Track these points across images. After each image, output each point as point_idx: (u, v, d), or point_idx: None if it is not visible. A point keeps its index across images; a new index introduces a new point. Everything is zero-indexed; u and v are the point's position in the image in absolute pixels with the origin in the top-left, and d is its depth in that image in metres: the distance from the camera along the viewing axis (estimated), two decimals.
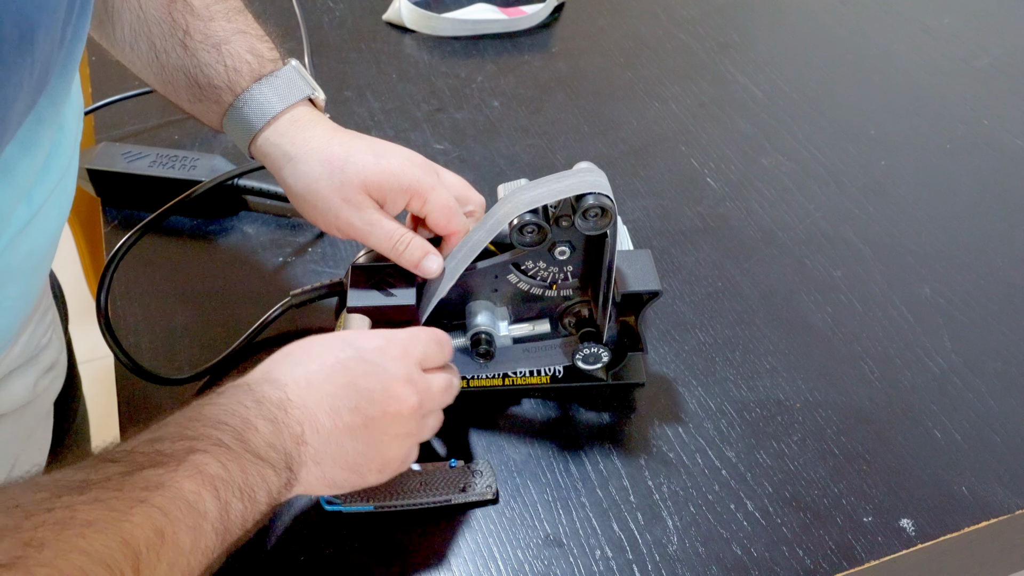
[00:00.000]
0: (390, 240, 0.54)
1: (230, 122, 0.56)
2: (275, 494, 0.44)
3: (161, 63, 0.55)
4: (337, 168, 0.53)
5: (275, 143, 0.55)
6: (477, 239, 0.54)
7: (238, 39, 0.55)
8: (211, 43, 0.55)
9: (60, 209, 0.49)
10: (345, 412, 0.46)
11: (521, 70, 0.95)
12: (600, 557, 0.52)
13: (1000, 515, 0.55)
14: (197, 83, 0.55)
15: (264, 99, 0.55)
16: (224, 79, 0.55)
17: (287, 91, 0.55)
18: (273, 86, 0.55)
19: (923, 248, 0.74)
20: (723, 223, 0.76)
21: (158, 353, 0.63)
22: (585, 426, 0.60)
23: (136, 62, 0.57)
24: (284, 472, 0.44)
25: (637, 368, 0.62)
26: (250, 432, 0.43)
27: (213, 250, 0.72)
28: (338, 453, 0.46)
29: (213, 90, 0.55)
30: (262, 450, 0.43)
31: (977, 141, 0.86)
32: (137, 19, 0.54)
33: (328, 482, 0.47)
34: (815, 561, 0.52)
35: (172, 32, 0.54)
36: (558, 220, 0.53)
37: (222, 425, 0.42)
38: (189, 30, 0.54)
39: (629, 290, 0.56)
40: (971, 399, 0.62)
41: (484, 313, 0.57)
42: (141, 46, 0.55)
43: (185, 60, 0.55)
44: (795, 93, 0.92)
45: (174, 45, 0.54)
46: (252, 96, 0.55)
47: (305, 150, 0.54)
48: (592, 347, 0.57)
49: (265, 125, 0.55)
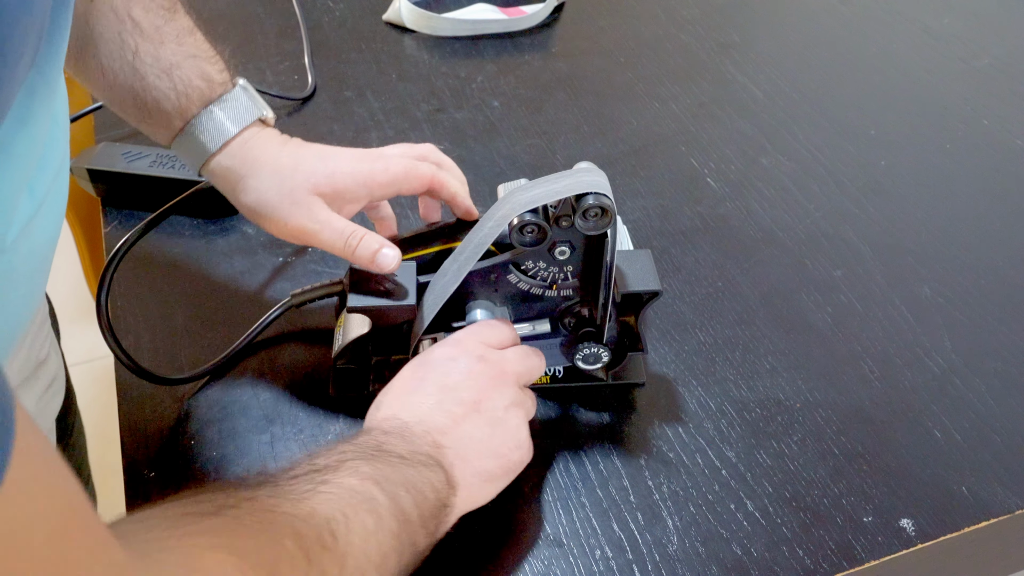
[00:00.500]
0: (341, 237, 0.54)
1: (180, 145, 0.56)
2: (440, 489, 0.46)
3: (108, 81, 0.54)
4: (287, 176, 0.55)
5: (227, 165, 0.56)
6: (479, 240, 0.54)
7: (189, 63, 0.55)
8: (161, 67, 0.54)
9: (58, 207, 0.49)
10: (453, 407, 0.49)
11: (521, 70, 0.95)
12: (600, 557, 0.52)
13: (1000, 515, 0.55)
14: (146, 106, 0.55)
15: (215, 124, 0.55)
16: (174, 104, 0.55)
17: (237, 115, 0.56)
18: (224, 111, 0.55)
19: (923, 248, 0.74)
20: (723, 223, 0.76)
21: (158, 353, 0.63)
22: (585, 426, 0.60)
23: (83, 76, 0.56)
24: (437, 469, 0.46)
25: (637, 368, 0.62)
26: (388, 446, 0.45)
27: (213, 250, 0.72)
28: (472, 444, 0.49)
29: (162, 115, 0.55)
30: (406, 454, 0.45)
31: (977, 141, 0.86)
32: (84, 35, 0.53)
33: (482, 474, 0.49)
34: (815, 561, 0.52)
35: (121, 52, 0.54)
36: (558, 220, 0.53)
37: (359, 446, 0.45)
38: (139, 52, 0.54)
39: (629, 290, 0.56)
40: (971, 399, 0.62)
41: (484, 313, 0.57)
42: (88, 63, 0.54)
43: (134, 82, 0.54)
44: (795, 93, 0.92)
45: (122, 65, 0.54)
46: (202, 122, 0.55)
47: (256, 166, 0.55)
48: (592, 347, 0.57)
49: (218, 150, 0.55)
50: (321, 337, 0.64)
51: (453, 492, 0.47)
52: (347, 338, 0.58)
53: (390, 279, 0.56)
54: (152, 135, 0.57)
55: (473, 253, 0.54)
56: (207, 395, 0.61)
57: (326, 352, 0.62)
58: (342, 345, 0.58)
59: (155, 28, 0.54)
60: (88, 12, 0.52)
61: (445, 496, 0.46)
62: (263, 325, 0.63)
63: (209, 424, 0.59)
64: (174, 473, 0.56)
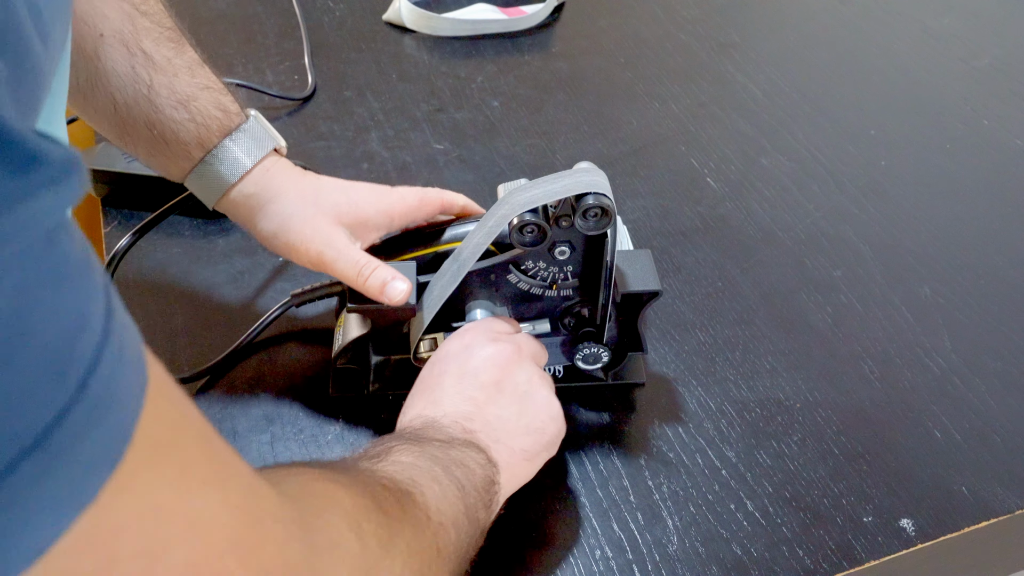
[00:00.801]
0: (355, 267, 0.55)
1: (199, 176, 0.56)
2: (484, 465, 0.47)
3: (121, 116, 0.54)
4: (310, 202, 0.56)
5: (249, 193, 0.56)
6: (478, 241, 0.54)
7: (204, 95, 0.55)
8: (177, 99, 0.54)
9: None
10: (474, 392, 0.50)
11: (521, 70, 0.95)
12: (600, 557, 0.52)
13: (1000, 515, 0.55)
14: (163, 138, 0.55)
15: (236, 154, 0.56)
16: (193, 135, 0.55)
17: (256, 145, 0.56)
18: (243, 141, 0.56)
19: (923, 248, 0.74)
20: (723, 223, 0.76)
21: (158, 353, 0.62)
22: (585, 426, 0.60)
23: (91, 112, 0.55)
24: (475, 449, 0.47)
25: (637, 368, 0.62)
26: (427, 435, 0.47)
27: (213, 250, 0.72)
28: (502, 424, 0.49)
29: (181, 146, 0.55)
30: (445, 439, 0.47)
31: (977, 141, 0.86)
32: (95, 71, 0.53)
33: (520, 453, 0.50)
34: (815, 561, 0.52)
35: (135, 85, 0.54)
36: (558, 220, 0.53)
37: (401, 438, 0.46)
38: (153, 84, 0.54)
39: (629, 290, 0.56)
40: (971, 399, 0.62)
41: (484, 313, 0.57)
42: (99, 97, 0.54)
43: (149, 113, 0.54)
44: (795, 93, 0.92)
45: (136, 98, 0.54)
46: (223, 152, 0.55)
47: (279, 192, 0.56)
48: (592, 347, 0.57)
49: (239, 179, 0.56)
50: (321, 337, 0.64)
51: (496, 471, 0.48)
52: (347, 338, 0.58)
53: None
54: (163, 168, 0.57)
55: (473, 253, 0.54)
56: (207, 395, 0.61)
57: (326, 352, 0.62)
58: (342, 345, 0.58)
59: (167, 60, 0.55)
60: (98, 46, 0.53)
61: (491, 473, 0.47)
62: (263, 325, 0.63)
63: None
64: None
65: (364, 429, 0.59)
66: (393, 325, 0.57)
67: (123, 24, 0.53)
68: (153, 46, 0.54)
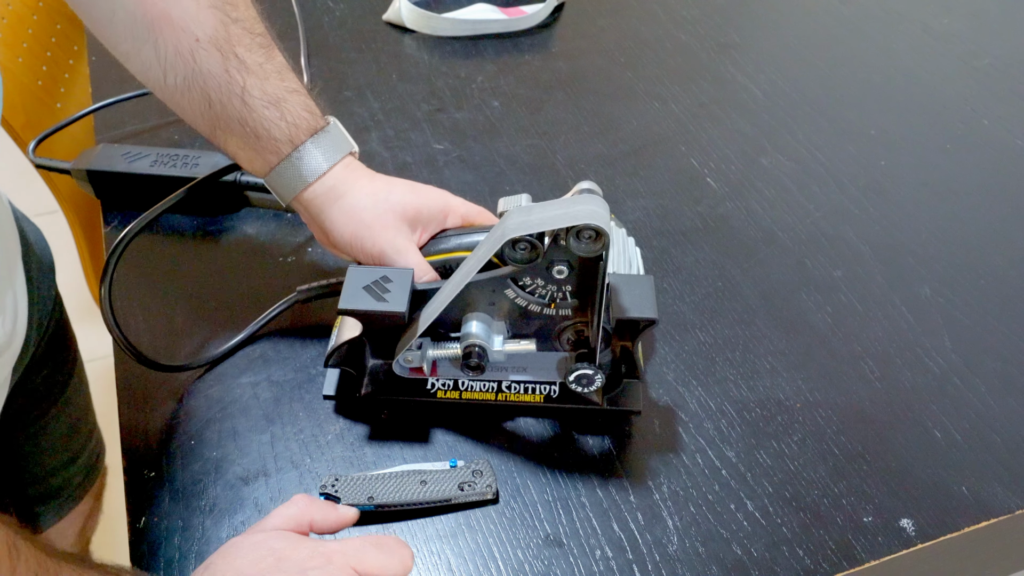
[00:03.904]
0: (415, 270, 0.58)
1: (284, 171, 0.60)
2: None
3: (216, 113, 0.58)
4: (381, 199, 0.60)
5: (330, 185, 0.60)
6: (471, 266, 0.54)
7: (293, 98, 0.59)
8: (269, 100, 0.58)
9: None
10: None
11: (521, 70, 0.95)
12: (600, 557, 0.52)
13: (1000, 515, 0.55)
14: (256, 135, 0.58)
15: (318, 153, 0.59)
16: (285, 133, 0.59)
17: (336, 147, 0.60)
18: (325, 142, 0.60)
19: (923, 248, 0.74)
20: (723, 223, 0.76)
21: (159, 353, 0.63)
22: (585, 426, 0.60)
23: (187, 109, 0.59)
24: None
25: (635, 395, 0.60)
26: None
27: (215, 248, 0.72)
28: None
29: (273, 142, 0.59)
30: None
31: (977, 141, 0.86)
32: (192, 72, 0.57)
33: None
34: (815, 561, 0.52)
35: (229, 87, 0.57)
36: (554, 238, 0.52)
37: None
38: (247, 87, 0.58)
39: (624, 316, 0.55)
40: (971, 399, 0.62)
41: (480, 326, 0.56)
42: (195, 96, 0.58)
43: (243, 112, 0.58)
44: (795, 93, 0.92)
45: (231, 98, 0.58)
46: (308, 150, 0.59)
47: (354, 188, 0.60)
48: (585, 369, 0.56)
49: (320, 176, 0.59)
50: (323, 338, 0.64)
51: None
52: (339, 339, 0.58)
53: (385, 284, 0.56)
54: (250, 162, 0.61)
55: (468, 272, 0.54)
56: (207, 395, 0.61)
57: None
58: (332, 346, 0.58)
59: (258, 65, 0.58)
60: (195, 49, 0.57)
61: None
62: (268, 318, 0.64)
63: (209, 424, 0.59)
64: (174, 473, 0.56)
65: (364, 429, 0.59)
66: (383, 329, 0.57)
67: (217, 31, 0.57)
68: (245, 52, 0.58)
